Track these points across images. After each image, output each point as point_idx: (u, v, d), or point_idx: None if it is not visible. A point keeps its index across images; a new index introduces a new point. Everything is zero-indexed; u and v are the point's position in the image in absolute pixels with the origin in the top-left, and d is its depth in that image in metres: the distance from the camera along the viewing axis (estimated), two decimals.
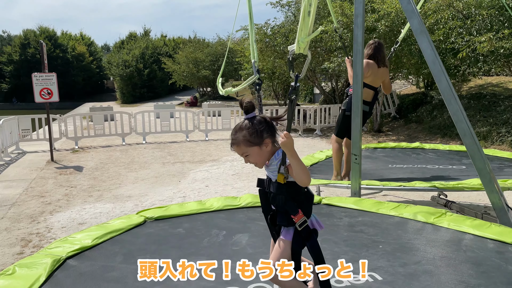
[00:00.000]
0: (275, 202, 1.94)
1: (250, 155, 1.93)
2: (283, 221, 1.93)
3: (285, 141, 1.79)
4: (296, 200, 1.91)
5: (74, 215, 5.59)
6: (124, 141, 11.97)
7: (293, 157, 1.81)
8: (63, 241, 2.74)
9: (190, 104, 29.78)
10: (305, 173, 1.83)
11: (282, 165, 1.88)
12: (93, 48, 52.12)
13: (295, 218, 1.90)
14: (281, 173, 1.88)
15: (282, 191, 1.90)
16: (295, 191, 1.91)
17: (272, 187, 1.95)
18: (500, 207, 3.31)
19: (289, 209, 1.90)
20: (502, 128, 10.23)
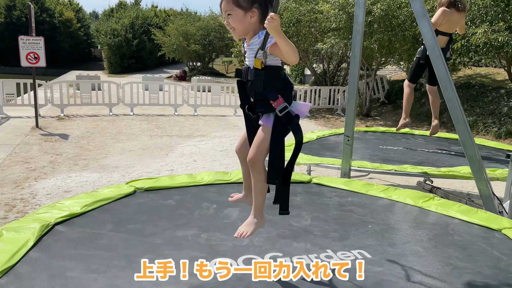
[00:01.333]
0: (253, 89, 1.90)
1: (233, 16, 1.86)
2: (262, 107, 1.90)
3: (273, 23, 1.72)
4: (275, 85, 1.88)
5: (60, 183, 5.52)
6: (111, 112, 11.79)
7: (281, 37, 1.76)
8: (51, 207, 2.70)
9: (179, 78, 29.39)
10: (294, 52, 1.79)
11: (261, 50, 1.83)
12: (81, 14, 50.69)
13: (274, 104, 1.87)
14: (258, 58, 1.85)
15: (260, 77, 1.87)
16: (274, 77, 1.89)
17: (250, 74, 1.91)
18: (486, 195, 3.37)
19: (268, 95, 1.87)
20: (488, 118, 10.39)
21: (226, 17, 1.90)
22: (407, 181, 5.79)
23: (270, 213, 2.87)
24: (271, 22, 1.71)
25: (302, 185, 3.55)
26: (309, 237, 2.50)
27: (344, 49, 13.47)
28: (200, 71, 32.76)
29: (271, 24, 1.72)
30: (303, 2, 13.41)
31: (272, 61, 1.88)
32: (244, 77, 1.95)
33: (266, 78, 1.87)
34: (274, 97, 1.87)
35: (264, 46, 1.83)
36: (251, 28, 1.88)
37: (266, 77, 1.87)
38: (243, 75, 1.96)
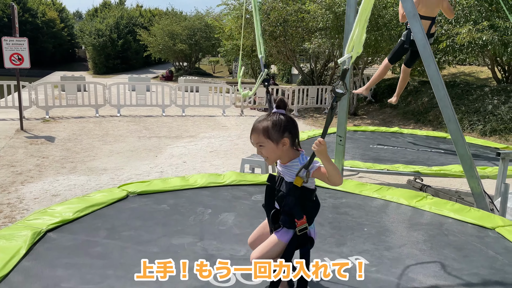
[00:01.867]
0: (283, 202, 1.92)
1: (264, 148, 1.90)
2: (286, 223, 1.92)
3: (320, 148, 1.77)
4: (304, 205, 1.91)
5: (47, 187, 5.41)
6: (97, 113, 11.64)
7: (328, 162, 1.81)
8: (42, 213, 2.63)
9: (166, 78, 29.20)
10: (339, 176, 1.84)
11: (305, 169, 1.85)
12: (64, 14, 49.98)
13: (298, 223, 1.89)
14: (300, 177, 1.85)
15: (294, 194, 1.88)
16: (306, 197, 1.91)
17: (284, 186, 1.92)
18: (478, 193, 3.40)
19: (295, 213, 1.89)
20: (473, 116, 10.53)
21: (257, 147, 1.93)
22: (397, 180, 5.83)
23: (265, 218, 2.85)
24: (319, 147, 1.77)
25: None
26: None
27: (331, 49, 13.52)
28: (187, 71, 32.59)
29: (318, 149, 1.77)
30: (290, 2, 13.42)
31: (309, 183, 1.89)
32: (277, 186, 1.96)
33: (300, 197, 1.89)
34: (299, 217, 1.89)
35: (308, 166, 1.84)
36: (284, 154, 1.91)
37: (300, 196, 1.89)
38: (276, 183, 1.97)
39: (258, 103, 13.72)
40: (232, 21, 14.43)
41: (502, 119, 9.86)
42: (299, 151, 1.93)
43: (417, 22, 3.39)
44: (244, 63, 24.37)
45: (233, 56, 19.04)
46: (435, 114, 11.45)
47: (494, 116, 10.10)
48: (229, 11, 14.66)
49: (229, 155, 7.53)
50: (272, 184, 1.99)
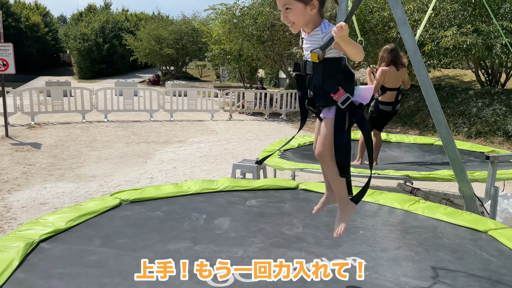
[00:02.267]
0: (313, 84, 1.84)
1: (292, 10, 1.76)
2: (323, 101, 1.84)
3: (341, 34, 1.66)
4: (335, 77, 1.81)
5: (35, 195, 5.32)
6: (84, 118, 11.51)
7: (348, 46, 1.71)
8: (34, 223, 2.58)
9: (152, 83, 29.03)
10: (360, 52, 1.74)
11: (321, 49, 1.76)
12: (48, 18, 49.35)
13: (335, 96, 1.81)
14: (314, 52, 1.77)
15: (318, 70, 1.80)
16: (333, 69, 1.82)
17: (308, 68, 1.84)
18: (469, 196, 3.45)
19: (328, 88, 1.81)
20: (458, 119, 10.70)
21: (283, 11, 1.79)
22: (387, 183, 5.89)
23: (261, 222, 2.85)
24: (340, 32, 1.66)
25: (290, 192, 3.54)
26: (302, 245, 2.49)
27: None
28: (174, 75, 32.47)
29: (339, 34, 1.67)
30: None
31: (331, 53, 1.80)
32: (303, 71, 1.88)
33: (325, 72, 1.80)
34: (334, 90, 1.81)
35: (325, 48, 1.77)
36: (311, 20, 1.81)
37: (324, 71, 1.80)
38: (301, 69, 1.89)
39: (247, 108, 13.73)
40: (219, 26, 14.43)
41: (486, 122, 10.03)
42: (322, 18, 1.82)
43: (407, 28, 3.44)
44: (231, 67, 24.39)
45: (221, 60, 19.02)
46: (421, 117, 11.61)
47: (479, 119, 10.28)
48: (216, 16, 14.66)
49: (219, 160, 7.51)
50: (299, 71, 1.91)
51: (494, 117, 10.02)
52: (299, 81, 1.95)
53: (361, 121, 1.87)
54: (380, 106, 5.29)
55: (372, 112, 5.38)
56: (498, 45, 9.44)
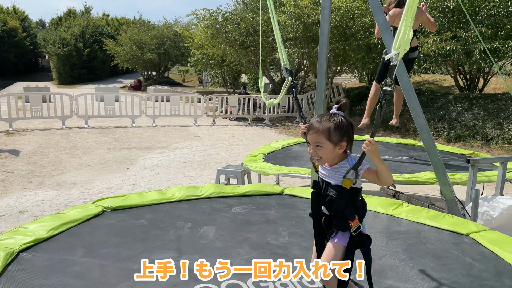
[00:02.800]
0: (333, 206, 1.92)
1: (322, 149, 1.88)
2: (340, 226, 1.92)
3: (371, 148, 1.78)
4: (354, 206, 1.92)
5: (13, 203, 5.19)
6: (64, 125, 11.31)
7: (379, 162, 1.82)
8: (14, 232, 2.51)
9: (134, 88, 28.73)
10: (390, 175, 1.86)
11: (354, 170, 1.86)
12: (27, 23, 48.31)
13: (351, 224, 1.89)
14: (348, 179, 1.87)
15: (344, 196, 1.89)
16: (356, 197, 1.93)
17: (331, 190, 1.92)
18: (451, 199, 3.51)
19: (347, 214, 1.89)
20: (438, 123, 10.90)
21: (313, 147, 1.90)
22: (370, 187, 5.94)
23: (247, 231, 2.83)
24: (369, 147, 1.78)
25: (275, 197, 3.54)
26: (289, 257, 2.47)
27: (301, 58, 13.71)
28: (156, 81, 32.22)
29: (369, 149, 1.78)
30: (260, 12, 13.54)
31: (357, 183, 1.91)
32: (323, 191, 1.95)
33: (350, 198, 1.91)
34: (352, 217, 1.89)
35: (357, 167, 1.86)
36: (336, 157, 1.92)
37: (350, 197, 1.91)
38: (321, 188, 1.97)
39: (230, 113, 13.71)
40: (202, 31, 14.41)
41: (466, 126, 10.24)
42: (347, 153, 1.93)
43: (389, 35, 3.49)
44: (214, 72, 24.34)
45: (204, 65, 18.97)
46: (403, 121, 11.78)
47: (458, 123, 10.49)
48: (198, 21, 14.64)
49: (203, 165, 7.46)
50: (318, 190, 1.98)
51: (473, 121, 10.24)
52: (316, 198, 2.02)
53: (366, 251, 1.95)
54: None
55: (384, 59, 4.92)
56: (477, 51, 9.67)
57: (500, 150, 9.11)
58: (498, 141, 9.39)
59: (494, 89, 14.05)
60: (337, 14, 11.50)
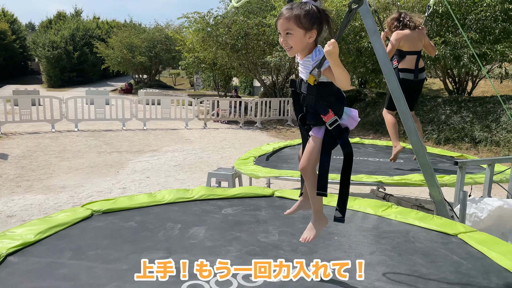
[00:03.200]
0: (306, 102, 1.96)
1: (292, 36, 1.88)
2: (313, 120, 1.98)
3: (332, 50, 1.77)
4: (327, 100, 1.94)
5: (1, 207, 5.14)
6: (53, 128, 11.22)
7: (336, 65, 1.82)
8: (1, 236, 2.48)
9: (125, 91, 28.65)
10: (346, 79, 1.86)
11: (317, 68, 1.88)
12: (16, 26, 47.98)
13: (325, 118, 1.93)
14: (312, 75, 1.90)
15: (312, 92, 1.93)
16: (326, 92, 1.95)
17: (303, 87, 1.96)
18: (439, 201, 3.54)
19: (319, 109, 1.93)
20: (428, 126, 11.01)
21: (283, 36, 1.91)
22: (360, 189, 5.97)
23: (237, 230, 2.84)
24: (330, 47, 1.78)
25: (265, 199, 3.54)
26: (279, 253, 2.49)
27: (292, 62, 13.76)
28: (147, 84, 32.12)
29: (330, 50, 1.78)
30: (251, 15, 13.58)
31: (324, 78, 1.93)
32: (298, 89, 2.01)
33: (318, 94, 1.94)
34: (324, 112, 1.94)
35: (320, 66, 1.88)
36: (307, 47, 1.93)
37: (318, 93, 1.93)
38: (297, 86, 2.02)
39: (221, 116, 13.71)
40: (193, 34, 14.41)
41: (454, 128, 10.36)
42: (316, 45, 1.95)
43: (378, 38, 3.52)
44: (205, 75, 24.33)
45: (195, 68, 18.96)
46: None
47: (447, 126, 10.60)
48: (190, 24, 14.64)
49: (194, 169, 7.44)
50: (294, 88, 2.02)
51: (462, 124, 10.36)
52: (295, 97, 2.08)
53: (345, 143, 2.00)
54: (401, 75, 4.74)
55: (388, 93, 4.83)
56: (466, 55, 9.79)
57: (488, 152, 9.23)
58: (486, 144, 9.50)
59: (482, 92, 14.23)
60: None
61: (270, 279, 2.07)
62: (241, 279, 2.15)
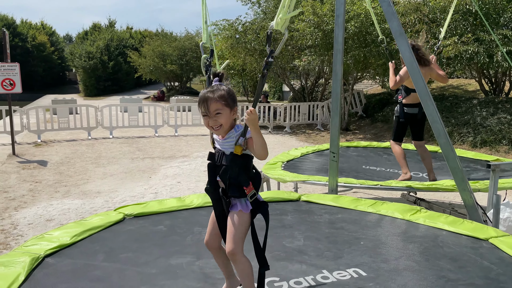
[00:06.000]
0: (227, 175, 1.98)
1: (222, 115, 1.96)
2: (235, 192, 1.98)
3: (251, 117, 1.86)
4: (248, 174, 1.99)
5: (41, 211, 5.38)
6: (90, 135, 11.62)
7: (256, 132, 1.89)
8: (40, 238, 2.63)
9: (157, 99, 29.27)
10: (265, 148, 1.93)
11: (242, 137, 1.95)
12: (54, 38, 50.10)
13: (246, 190, 1.97)
14: (239, 145, 1.95)
15: (236, 163, 1.96)
16: (248, 165, 2.01)
17: (225, 159, 2.00)
18: (471, 205, 3.46)
19: (241, 181, 1.97)
20: (463, 128, 10.68)
21: (213, 116, 1.97)
22: (391, 194, 5.88)
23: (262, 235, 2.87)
24: (250, 115, 1.86)
25: (292, 203, 3.57)
26: (303, 258, 2.51)
27: (320, 66, 13.71)
28: (178, 91, 32.71)
29: (250, 117, 1.86)
30: None
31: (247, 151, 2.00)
32: (218, 161, 2.02)
33: (242, 165, 1.98)
34: (247, 184, 1.98)
35: (245, 134, 1.95)
36: (231, 124, 2.02)
37: (241, 164, 1.98)
38: (216, 159, 2.04)
39: None
40: (222, 41, 14.61)
41: (491, 131, 10.01)
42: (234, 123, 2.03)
43: (404, 40, 3.49)
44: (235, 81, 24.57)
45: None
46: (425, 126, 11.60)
47: (483, 128, 10.25)
48: (219, 32, 14.86)
49: None
50: (213, 161, 2.05)
51: (499, 126, 10.00)
52: (212, 170, 2.07)
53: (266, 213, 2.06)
54: (406, 110, 4.90)
55: (398, 118, 4.99)
56: (499, 53, 9.48)
57: None
58: None
59: None
60: (357, 21, 11.47)
61: None
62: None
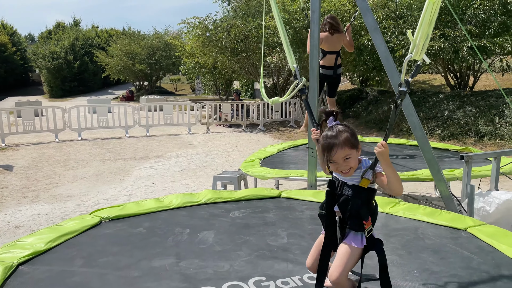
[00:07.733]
0: (348, 206, 1.90)
1: (351, 159, 1.87)
2: (355, 226, 1.91)
3: (383, 151, 1.80)
4: (369, 208, 1.92)
5: (9, 218, 5.15)
6: (57, 138, 11.25)
7: (389, 167, 1.82)
8: (11, 246, 2.49)
9: (126, 99, 28.71)
10: (400, 182, 1.84)
11: (371, 169, 1.87)
12: (16, 38, 48.19)
13: (366, 224, 1.90)
14: (366, 178, 1.87)
15: (360, 196, 1.89)
16: (371, 199, 1.94)
17: (347, 190, 1.91)
18: (447, 196, 3.53)
19: (362, 214, 1.89)
20: (431, 122, 10.98)
21: (342, 161, 1.87)
22: None
23: (246, 233, 2.84)
24: (381, 149, 1.81)
25: (272, 200, 3.55)
26: (288, 257, 2.48)
27: None
28: (148, 90, 32.19)
29: (381, 151, 1.80)
30: (249, 18, 13.62)
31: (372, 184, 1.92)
32: (339, 190, 1.94)
33: (365, 198, 1.90)
34: (367, 218, 1.90)
35: (374, 167, 1.88)
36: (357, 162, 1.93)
37: (365, 197, 1.90)
38: (337, 188, 1.95)
39: (224, 120, 13.72)
40: (192, 39, 14.45)
41: (458, 124, 10.33)
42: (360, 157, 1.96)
43: (379, 34, 3.53)
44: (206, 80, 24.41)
45: (195, 73, 19.00)
46: (396, 121, 11.85)
47: (451, 121, 10.57)
48: (189, 30, 14.68)
49: (198, 173, 7.45)
50: (333, 189, 1.96)
51: (466, 119, 10.33)
52: (330, 198, 1.98)
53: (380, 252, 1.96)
54: (321, 71, 5.50)
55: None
56: (465, 48, 9.78)
57: (493, 146, 9.20)
58: (491, 138, 9.47)
59: (484, 86, 14.20)
60: None
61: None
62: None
